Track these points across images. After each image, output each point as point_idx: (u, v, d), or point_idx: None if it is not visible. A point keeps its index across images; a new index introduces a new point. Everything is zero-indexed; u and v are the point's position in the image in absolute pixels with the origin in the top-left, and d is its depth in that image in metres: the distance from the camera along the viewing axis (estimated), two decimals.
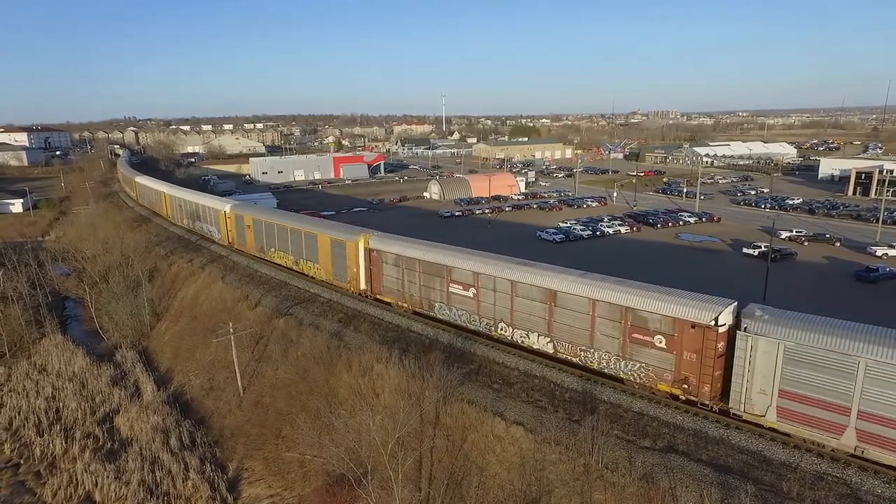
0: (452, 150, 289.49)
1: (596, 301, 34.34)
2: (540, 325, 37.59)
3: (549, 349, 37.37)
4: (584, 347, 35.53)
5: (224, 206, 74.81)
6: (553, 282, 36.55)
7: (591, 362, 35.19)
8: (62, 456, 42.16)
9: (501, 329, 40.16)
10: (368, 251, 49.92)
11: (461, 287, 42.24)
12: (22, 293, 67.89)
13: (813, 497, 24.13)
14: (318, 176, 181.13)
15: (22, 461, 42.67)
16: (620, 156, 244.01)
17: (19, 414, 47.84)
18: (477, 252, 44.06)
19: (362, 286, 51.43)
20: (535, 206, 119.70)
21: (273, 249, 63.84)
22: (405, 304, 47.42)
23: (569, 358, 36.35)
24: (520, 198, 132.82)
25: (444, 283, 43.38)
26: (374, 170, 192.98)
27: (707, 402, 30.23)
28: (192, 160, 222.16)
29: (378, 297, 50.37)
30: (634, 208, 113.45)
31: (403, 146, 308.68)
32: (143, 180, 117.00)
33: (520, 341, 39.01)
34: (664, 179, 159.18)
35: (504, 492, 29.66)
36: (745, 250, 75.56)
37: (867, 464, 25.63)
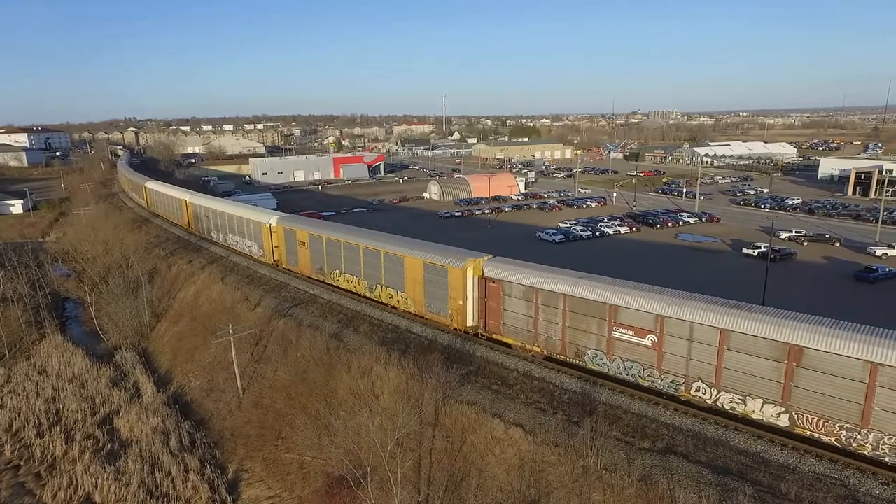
0: (452, 151, 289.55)
1: (878, 365, 25.01)
2: (768, 390, 28.48)
3: (783, 422, 28.19)
4: (849, 426, 26.18)
5: (269, 218, 64.34)
6: (797, 334, 27.28)
7: (863, 447, 25.97)
8: (62, 457, 42.13)
9: (698, 390, 31.22)
10: (483, 280, 40.45)
11: (632, 332, 33.36)
12: (22, 294, 67.96)
13: (811, 498, 24.16)
14: (318, 176, 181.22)
15: (22, 463, 42.65)
16: (620, 156, 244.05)
17: (19, 415, 47.85)
18: (656, 288, 33.95)
19: (469, 322, 42.05)
20: (534, 207, 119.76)
21: (337, 272, 54.53)
22: (536, 349, 38.19)
23: (820, 437, 27.13)
24: (519, 198, 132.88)
25: (603, 327, 34.56)
26: (374, 170, 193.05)
27: None
28: (193, 161, 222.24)
29: (494, 336, 40.64)
30: (634, 209, 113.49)
31: (403, 146, 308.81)
32: (157, 186, 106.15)
33: (729, 408, 29.97)
34: (664, 179, 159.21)
35: (503, 493, 29.70)
36: (744, 251, 75.60)
37: (865, 465, 25.65)
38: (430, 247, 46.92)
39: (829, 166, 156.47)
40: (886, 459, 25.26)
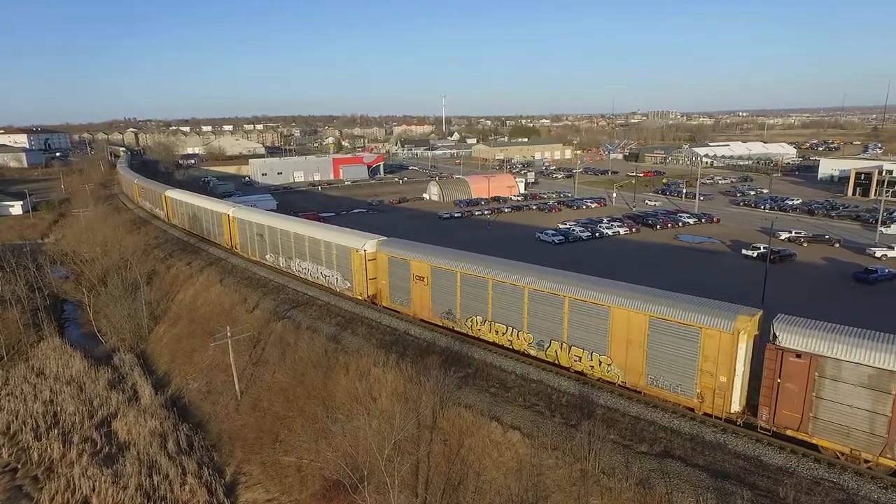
0: (452, 151, 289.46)
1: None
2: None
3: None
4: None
5: (362, 242, 50.93)
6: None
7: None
8: (60, 460, 42.07)
9: None
10: (778, 352, 27.48)
11: None
12: (20, 296, 67.88)
13: (809, 502, 24.06)
14: (317, 177, 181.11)
15: (19, 465, 42.62)
16: (620, 156, 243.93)
17: (17, 418, 47.80)
18: None
19: (734, 406, 29.92)
20: (534, 207, 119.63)
21: (479, 319, 41.38)
22: (884, 459, 25.34)
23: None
24: (519, 199, 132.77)
25: None
26: (373, 171, 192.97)
27: None
28: (192, 161, 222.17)
29: (787, 431, 27.91)
30: (634, 209, 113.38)
31: (403, 147, 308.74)
32: (185, 196, 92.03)
33: None
34: (663, 180, 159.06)
35: (501, 497, 29.61)
36: (744, 251, 75.46)
37: (864, 469, 25.55)
38: (656, 294, 33.59)
39: (828, 167, 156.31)
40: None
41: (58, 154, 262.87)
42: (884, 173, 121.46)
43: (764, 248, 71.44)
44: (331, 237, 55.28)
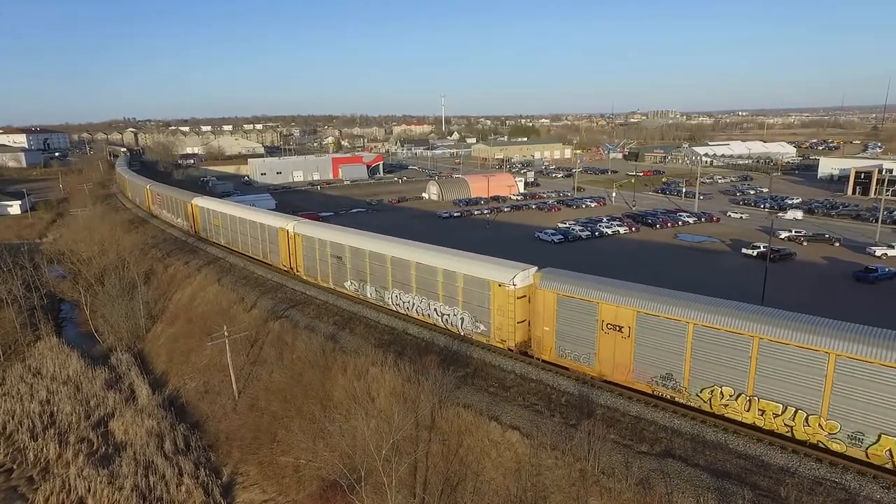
0: (452, 151, 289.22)
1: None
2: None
3: None
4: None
5: (509, 274, 38.30)
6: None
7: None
8: (56, 461, 41.81)
9: None
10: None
11: None
12: (17, 296, 67.59)
13: (811, 503, 23.78)
14: (316, 177, 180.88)
15: (15, 466, 42.36)
16: (620, 156, 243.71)
17: (13, 418, 47.52)
18: None
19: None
20: (533, 207, 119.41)
21: (725, 391, 29.71)
22: None
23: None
24: (518, 198, 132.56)
25: None
26: (373, 170, 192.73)
27: None
28: (192, 161, 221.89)
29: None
30: (633, 208, 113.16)
31: (403, 147, 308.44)
32: (223, 207, 77.49)
33: None
34: (663, 179, 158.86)
35: (499, 497, 29.33)
36: (743, 250, 75.29)
37: (866, 468, 25.27)
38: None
39: (828, 166, 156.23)
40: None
41: (57, 154, 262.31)
42: (883, 172, 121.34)
43: (764, 247, 71.24)
44: (456, 265, 42.22)
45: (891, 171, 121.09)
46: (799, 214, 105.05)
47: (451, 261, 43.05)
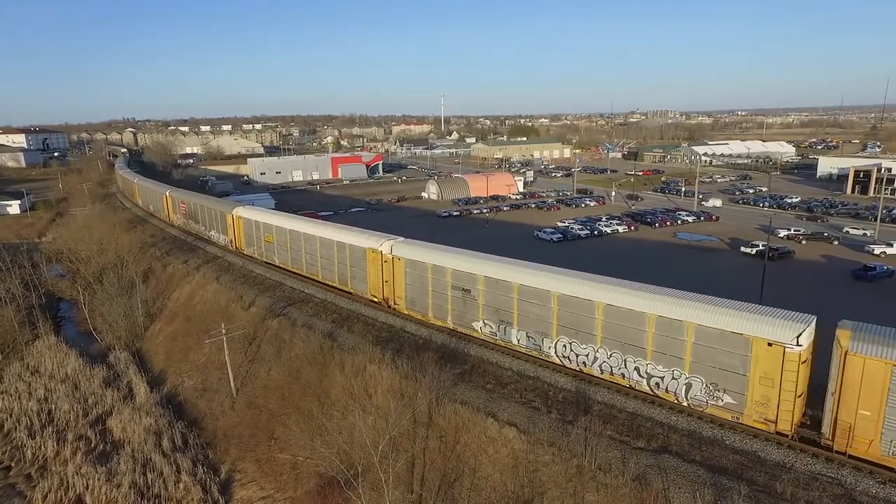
0: (451, 151, 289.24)
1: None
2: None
3: None
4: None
5: (794, 330, 27.47)
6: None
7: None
8: (53, 458, 41.82)
9: None
10: None
11: None
12: (16, 294, 67.59)
13: (807, 498, 23.82)
14: (316, 176, 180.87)
15: (13, 464, 42.37)
16: (619, 155, 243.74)
17: (11, 416, 47.53)
18: None
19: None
20: (533, 206, 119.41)
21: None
22: None
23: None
24: (518, 197, 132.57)
25: None
26: (372, 170, 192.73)
27: None
28: (191, 161, 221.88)
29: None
30: (633, 207, 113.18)
31: (402, 146, 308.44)
32: (280, 220, 64.04)
33: None
34: (662, 179, 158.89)
35: (496, 493, 29.34)
36: (742, 249, 75.30)
37: (861, 464, 25.29)
38: None
39: (827, 165, 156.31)
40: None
41: (56, 154, 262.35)
42: (882, 171, 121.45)
43: (762, 245, 71.26)
44: (682, 311, 30.89)
45: (889, 169, 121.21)
46: (718, 202, 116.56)
47: (672, 305, 31.34)
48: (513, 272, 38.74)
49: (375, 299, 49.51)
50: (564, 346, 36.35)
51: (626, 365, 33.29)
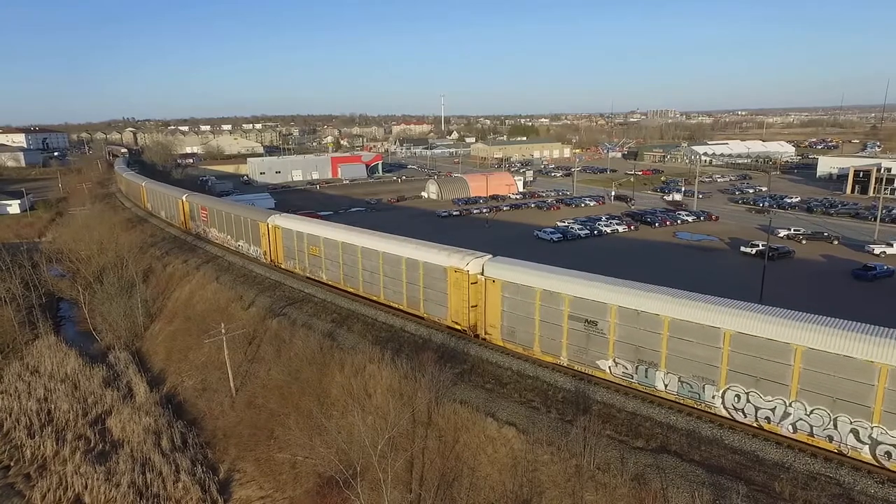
0: (451, 150, 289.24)
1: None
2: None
3: None
4: None
5: None
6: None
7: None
8: (53, 458, 41.76)
9: None
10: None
11: None
12: (15, 294, 67.58)
13: (805, 497, 23.81)
14: (316, 176, 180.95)
15: (12, 463, 42.30)
16: (619, 155, 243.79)
17: (10, 415, 47.48)
18: None
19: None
20: (532, 206, 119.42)
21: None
22: None
23: None
24: (518, 197, 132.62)
25: None
26: (372, 170, 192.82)
27: None
28: (191, 161, 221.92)
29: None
30: (632, 207, 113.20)
31: (402, 146, 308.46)
32: (329, 231, 55.99)
33: None
34: (662, 178, 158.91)
35: (495, 493, 29.34)
36: (742, 249, 75.32)
37: (860, 464, 25.29)
38: None
39: (827, 165, 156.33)
40: None
41: (56, 153, 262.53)
42: (882, 171, 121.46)
43: (762, 245, 71.26)
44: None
45: (889, 169, 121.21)
46: (678, 196, 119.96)
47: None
48: (663, 303, 31.53)
49: (458, 327, 42.13)
50: (737, 396, 29.12)
51: (835, 425, 26.21)
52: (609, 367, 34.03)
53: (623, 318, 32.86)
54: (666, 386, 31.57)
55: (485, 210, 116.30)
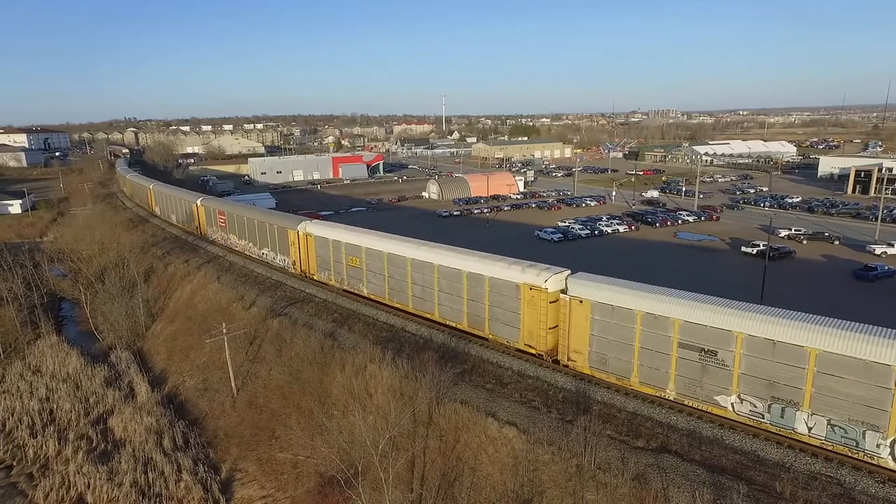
0: (452, 150, 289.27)
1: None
2: None
3: None
4: None
5: None
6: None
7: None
8: (55, 457, 41.90)
9: None
10: None
11: None
12: (17, 294, 67.76)
13: (806, 497, 23.86)
14: (316, 176, 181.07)
15: (14, 463, 42.44)
16: (620, 155, 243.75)
17: (12, 415, 47.61)
18: None
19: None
20: (533, 206, 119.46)
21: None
22: None
23: None
24: (518, 197, 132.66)
25: None
26: (372, 170, 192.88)
27: None
28: (192, 160, 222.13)
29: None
30: (633, 207, 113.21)
31: (403, 146, 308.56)
32: (363, 239, 51.35)
33: None
34: (663, 178, 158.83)
35: (496, 492, 29.41)
36: (743, 249, 75.30)
37: (861, 463, 25.34)
38: None
39: (828, 165, 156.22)
40: None
41: (57, 154, 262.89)
42: (884, 171, 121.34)
43: (763, 245, 71.25)
44: None
45: (891, 169, 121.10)
46: (655, 193, 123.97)
47: None
48: (809, 333, 26.70)
49: (533, 350, 37.79)
50: None
51: None
52: (731, 404, 29.33)
53: (752, 349, 28.22)
54: (810, 429, 27.02)
55: (485, 210, 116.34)
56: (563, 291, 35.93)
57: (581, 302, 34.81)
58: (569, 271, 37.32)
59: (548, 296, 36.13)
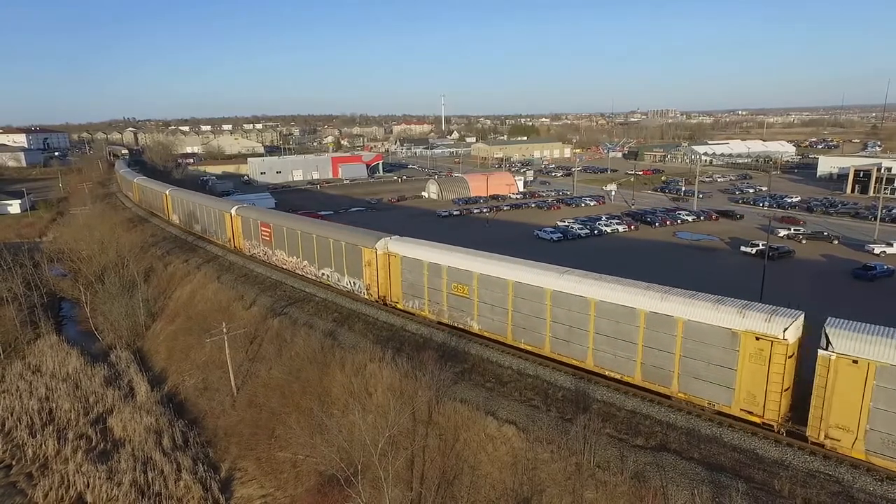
0: (451, 150, 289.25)
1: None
2: None
3: None
4: None
5: None
6: None
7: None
8: (54, 457, 41.96)
9: None
10: None
11: None
12: (17, 294, 67.77)
13: (804, 495, 23.91)
14: (316, 176, 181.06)
15: (14, 462, 42.48)
16: (619, 155, 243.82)
17: (12, 415, 47.65)
18: None
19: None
20: (533, 206, 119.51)
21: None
22: None
23: None
24: (518, 197, 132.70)
25: None
26: (372, 170, 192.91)
27: None
28: (191, 160, 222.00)
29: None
30: (633, 207, 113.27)
31: (402, 146, 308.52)
32: (471, 263, 41.73)
33: None
34: (662, 178, 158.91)
35: (496, 491, 29.45)
36: (742, 248, 75.37)
37: (859, 461, 25.38)
38: None
39: (828, 164, 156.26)
40: None
41: (56, 153, 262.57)
42: (882, 171, 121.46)
43: (762, 244, 71.32)
44: None
45: (889, 169, 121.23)
46: (614, 187, 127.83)
47: None
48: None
49: (755, 419, 28.68)
50: None
51: None
52: None
53: None
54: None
55: (485, 210, 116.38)
56: (827, 348, 25.83)
57: (856, 363, 24.94)
58: (801, 313, 28.47)
59: (786, 349, 27.37)
